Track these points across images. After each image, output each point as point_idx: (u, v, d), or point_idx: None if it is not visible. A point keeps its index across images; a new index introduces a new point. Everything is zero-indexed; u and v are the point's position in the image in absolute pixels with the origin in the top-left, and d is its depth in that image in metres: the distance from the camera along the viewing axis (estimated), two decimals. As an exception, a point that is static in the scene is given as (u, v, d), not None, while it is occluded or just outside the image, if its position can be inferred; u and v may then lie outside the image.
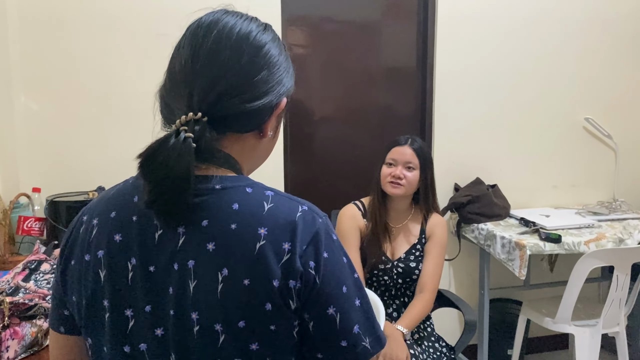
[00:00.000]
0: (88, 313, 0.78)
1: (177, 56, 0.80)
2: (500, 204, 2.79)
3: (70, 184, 2.31)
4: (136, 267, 0.75)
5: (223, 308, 0.71)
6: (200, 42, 0.77)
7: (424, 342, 1.99)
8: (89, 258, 0.78)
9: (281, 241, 0.73)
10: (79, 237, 0.81)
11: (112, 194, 0.82)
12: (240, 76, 0.76)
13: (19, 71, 2.32)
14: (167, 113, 0.79)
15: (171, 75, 0.79)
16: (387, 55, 2.90)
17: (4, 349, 1.30)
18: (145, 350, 0.75)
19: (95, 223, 0.80)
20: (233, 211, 0.74)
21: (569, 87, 3.03)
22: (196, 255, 0.73)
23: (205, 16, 0.81)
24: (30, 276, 1.44)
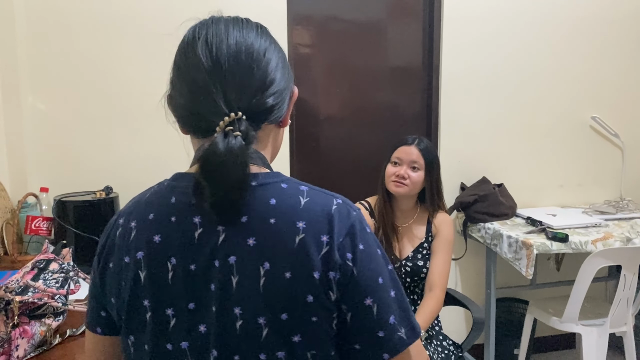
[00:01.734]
0: (129, 313, 0.80)
1: (192, 66, 0.80)
2: (506, 203, 2.78)
3: (77, 184, 2.33)
4: (176, 266, 0.77)
5: (266, 301, 0.73)
6: (217, 51, 0.79)
7: (433, 341, 1.99)
8: (128, 260, 0.80)
9: (319, 234, 0.75)
10: (115, 240, 0.82)
11: (147, 196, 0.84)
12: (264, 73, 0.79)
13: (27, 72, 2.33)
14: (196, 120, 0.80)
15: (192, 85, 0.79)
16: (393, 54, 2.90)
17: (13, 348, 1.31)
18: (187, 348, 0.77)
19: (133, 225, 0.81)
20: (271, 206, 0.76)
21: (575, 85, 3.02)
22: (237, 251, 0.75)
23: (206, 27, 0.84)
24: (39, 275, 1.44)
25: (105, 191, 2.22)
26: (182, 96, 0.81)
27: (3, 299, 1.30)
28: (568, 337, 3.17)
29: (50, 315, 1.43)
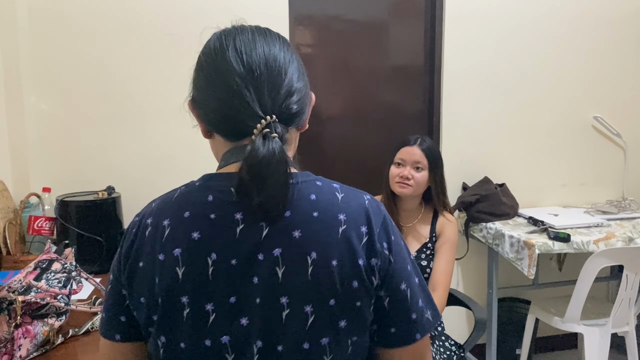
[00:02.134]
0: (163, 311, 0.79)
1: (223, 72, 0.83)
2: (508, 203, 2.78)
3: (80, 184, 2.33)
4: (217, 261, 0.78)
5: (315, 288, 0.77)
6: (248, 58, 0.83)
7: (435, 342, 1.99)
8: (163, 257, 0.80)
9: (359, 225, 0.81)
10: (145, 240, 0.82)
11: (176, 196, 0.85)
12: (290, 81, 0.86)
13: (30, 71, 2.33)
14: (231, 124, 0.83)
15: (225, 89, 0.82)
16: (395, 54, 2.90)
17: (16, 347, 1.31)
18: (227, 342, 0.78)
19: (166, 224, 0.81)
20: (312, 201, 0.82)
21: (577, 85, 3.02)
22: (282, 243, 0.78)
23: (233, 35, 0.90)
24: (42, 275, 1.45)
25: (108, 191, 2.22)
26: (214, 100, 0.83)
27: (6, 298, 1.31)
28: (570, 337, 3.17)
29: (52, 315, 1.43)
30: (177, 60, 2.48)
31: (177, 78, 2.49)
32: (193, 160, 2.50)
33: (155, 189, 2.68)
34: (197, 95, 0.88)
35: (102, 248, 2.08)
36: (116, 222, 2.19)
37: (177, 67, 2.50)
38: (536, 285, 2.95)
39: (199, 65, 0.90)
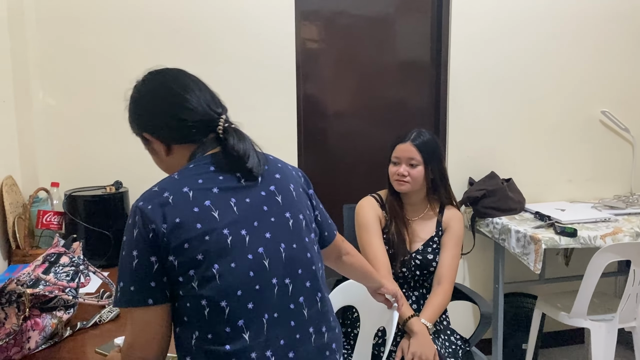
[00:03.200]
0: (211, 245, 1.03)
1: (179, 94, 1.17)
2: (515, 198, 2.77)
3: (88, 179, 2.35)
4: (236, 202, 1.10)
5: (299, 205, 1.20)
6: (191, 81, 1.23)
7: (441, 336, 2.00)
8: (198, 209, 1.05)
9: (298, 172, 1.30)
10: (173, 205, 1.04)
11: (178, 176, 1.10)
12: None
13: (38, 68, 2.35)
14: (200, 126, 1.15)
15: (187, 106, 1.15)
16: (401, 49, 2.89)
17: (25, 340, 1.33)
18: (262, 252, 1.09)
19: (186, 190, 1.06)
20: (271, 159, 1.26)
21: (585, 79, 3.00)
22: (273, 183, 1.18)
23: (164, 74, 1.30)
24: (50, 269, 1.46)
25: (115, 186, 2.24)
26: (184, 112, 1.15)
27: (15, 291, 1.32)
28: (576, 333, 3.16)
29: (61, 308, 1.45)
30: (184, 55, 2.49)
31: (183, 73, 2.51)
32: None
33: (162, 184, 2.68)
34: (155, 122, 1.18)
35: (109, 242, 2.09)
36: (124, 216, 2.20)
37: (184, 61, 2.50)
38: (542, 280, 2.95)
39: (151, 99, 1.22)
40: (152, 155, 1.24)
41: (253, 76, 2.59)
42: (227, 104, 2.73)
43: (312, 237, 1.20)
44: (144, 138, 1.21)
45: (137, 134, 1.23)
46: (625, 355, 2.97)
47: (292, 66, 2.63)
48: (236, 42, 2.55)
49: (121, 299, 1.03)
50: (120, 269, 1.04)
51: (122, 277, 1.03)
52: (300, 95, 2.71)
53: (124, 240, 1.05)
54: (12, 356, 1.31)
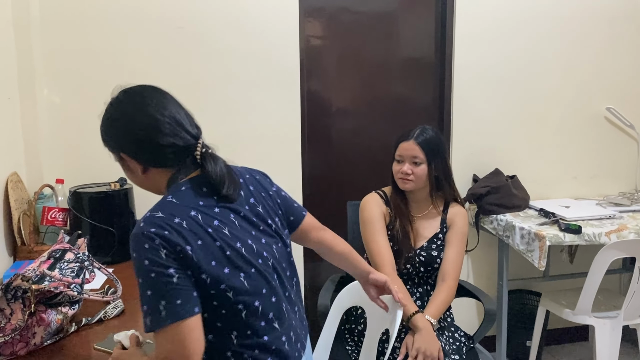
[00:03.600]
0: (231, 259, 1.16)
1: (156, 117, 1.18)
2: (519, 195, 2.77)
3: (92, 176, 2.35)
4: (235, 217, 1.22)
5: (274, 207, 1.35)
6: (167, 101, 1.25)
7: (445, 332, 2.00)
8: (211, 230, 1.15)
9: (263, 175, 1.43)
10: (191, 228, 1.12)
11: (177, 201, 1.16)
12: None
13: (42, 66, 2.36)
14: (178, 151, 1.20)
15: (165, 131, 1.18)
16: (405, 46, 2.89)
17: (30, 335, 1.34)
18: (267, 255, 1.25)
19: (194, 214, 1.15)
20: (249, 175, 1.36)
21: (590, 76, 2.99)
22: (253, 196, 1.30)
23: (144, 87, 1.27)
24: (55, 265, 1.47)
25: (120, 182, 2.24)
26: (160, 136, 1.18)
27: (20, 287, 1.33)
28: (581, 330, 3.16)
29: (66, 303, 1.46)
30: (187, 53, 2.49)
31: (187, 70, 2.51)
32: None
33: (166, 181, 2.66)
34: (134, 146, 1.20)
35: (114, 239, 2.10)
36: (128, 213, 2.21)
37: (188, 59, 2.51)
38: (547, 277, 2.94)
39: (126, 123, 1.20)
40: (126, 171, 1.27)
41: (257, 73, 2.59)
42: (232, 101, 2.75)
43: (286, 232, 1.38)
44: (120, 157, 1.23)
45: (111, 152, 1.25)
46: (630, 352, 2.97)
47: (296, 63, 2.63)
48: (240, 39, 2.55)
49: (168, 316, 1.05)
50: (154, 291, 1.06)
51: (161, 297, 1.05)
52: (304, 92, 2.71)
53: (146, 264, 1.06)
54: (17, 351, 1.32)
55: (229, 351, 1.17)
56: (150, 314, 1.06)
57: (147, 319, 1.06)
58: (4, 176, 2.03)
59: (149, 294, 1.06)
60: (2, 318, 1.33)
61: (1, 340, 1.29)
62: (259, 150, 2.64)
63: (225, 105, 2.57)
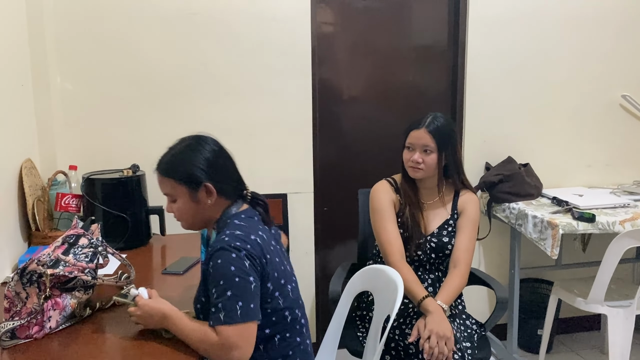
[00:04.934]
0: (285, 275, 1.45)
1: (226, 157, 1.51)
2: (532, 183, 2.75)
3: (105, 162, 2.37)
4: (275, 243, 1.49)
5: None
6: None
7: (457, 320, 1.99)
8: (273, 248, 1.44)
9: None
10: (261, 244, 1.38)
11: (245, 225, 1.41)
12: None
13: (55, 53, 2.36)
14: (239, 187, 1.51)
15: (231, 169, 1.51)
16: (418, 33, 2.86)
17: (46, 319, 1.35)
18: (293, 273, 1.55)
19: (261, 234, 1.41)
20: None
21: (605, 63, 2.95)
22: (276, 232, 1.59)
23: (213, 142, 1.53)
24: (70, 250, 1.48)
25: (133, 169, 2.25)
26: (228, 177, 1.49)
27: (36, 271, 1.34)
28: (592, 319, 3.14)
29: (80, 288, 1.47)
30: (200, 40, 2.49)
31: (199, 57, 2.51)
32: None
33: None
34: (222, 177, 1.47)
35: (127, 225, 2.11)
36: (141, 200, 2.22)
37: (200, 46, 2.50)
38: (559, 266, 2.93)
39: (214, 159, 1.46)
40: (187, 204, 1.43)
41: (269, 60, 2.58)
42: (244, 88, 2.74)
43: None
44: (194, 186, 1.42)
45: (189, 182, 1.42)
46: (643, 341, 2.96)
47: (307, 50, 2.62)
48: (252, 25, 2.54)
49: (244, 314, 1.28)
50: (234, 292, 1.28)
51: (240, 297, 1.28)
52: (316, 79, 2.69)
53: (233, 270, 1.28)
54: (33, 334, 1.33)
55: (270, 352, 1.41)
56: (224, 310, 1.27)
57: (220, 314, 1.27)
58: (18, 162, 2.05)
59: (229, 294, 1.27)
60: (18, 302, 1.34)
61: (17, 323, 1.31)
62: (271, 138, 2.64)
63: (237, 93, 2.57)
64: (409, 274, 1.95)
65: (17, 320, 1.31)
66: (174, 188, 1.43)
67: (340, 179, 2.85)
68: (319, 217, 2.80)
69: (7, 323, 1.31)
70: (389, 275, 1.74)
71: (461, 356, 1.82)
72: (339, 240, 2.91)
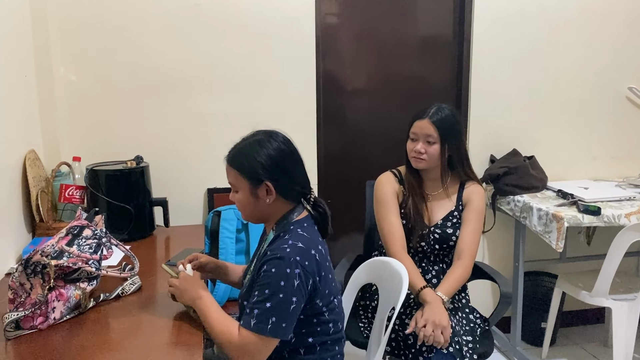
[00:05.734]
0: (334, 288, 1.45)
1: (294, 159, 1.45)
2: (537, 176, 2.74)
3: (108, 154, 2.37)
4: (327, 255, 1.46)
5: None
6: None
7: (459, 313, 1.99)
8: (327, 264, 1.42)
9: None
10: (318, 260, 1.36)
11: (306, 238, 1.37)
12: None
13: (58, 44, 2.36)
14: (303, 192, 1.45)
15: (296, 172, 1.45)
16: (423, 24, 2.84)
17: (50, 310, 1.35)
18: (339, 288, 1.54)
19: (320, 248, 1.40)
20: None
21: (611, 55, 2.93)
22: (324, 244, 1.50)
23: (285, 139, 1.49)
24: (73, 241, 1.48)
25: (136, 160, 2.25)
26: (296, 175, 1.45)
27: (40, 262, 1.34)
28: (596, 312, 3.14)
29: (84, 279, 1.47)
30: (203, 31, 2.48)
31: (203, 48, 2.49)
32: (218, 130, 2.51)
33: (181, 159, 2.70)
34: (285, 178, 1.41)
35: (131, 216, 2.11)
36: (144, 191, 2.22)
37: (204, 37, 2.49)
38: (563, 259, 2.92)
39: (281, 161, 1.41)
40: (246, 198, 1.41)
41: (273, 51, 2.56)
42: (248, 79, 2.72)
43: None
44: (255, 182, 1.39)
45: (251, 177, 1.39)
46: (647, 335, 2.95)
47: (311, 41, 2.60)
48: (255, 16, 2.52)
49: (273, 330, 1.28)
50: (275, 306, 1.28)
51: (276, 314, 1.28)
52: (320, 70, 2.68)
53: (282, 285, 1.28)
54: (37, 325, 1.33)
55: (309, 356, 1.43)
56: (257, 318, 1.28)
57: (252, 320, 1.28)
58: (22, 154, 2.04)
59: (267, 305, 1.28)
60: (22, 292, 1.34)
61: (22, 314, 1.31)
62: (274, 128, 2.62)
63: (240, 84, 2.55)
64: (409, 265, 1.94)
65: (21, 311, 1.31)
66: (236, 179, 1.42)
67: (344, 171, 2.84)
68: (322, 209, 2.79)
69: (12, 314, 1.31)
70: (394, 267, 1.74)
71: (459, 349, 1.81)
72: (343, 233, 2.91)
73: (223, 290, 1.63)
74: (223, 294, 1.63)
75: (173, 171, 2.48)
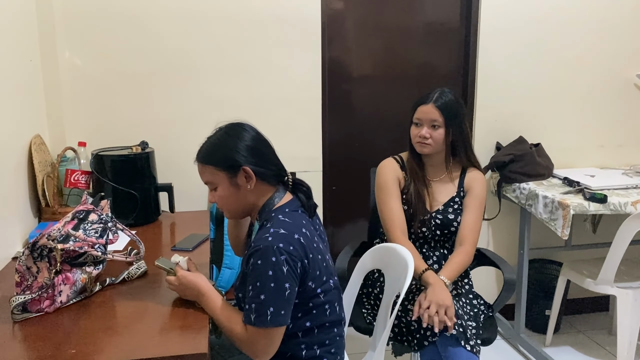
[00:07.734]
0: (328, 270, 1.46)
1: (264, 143, 1.48)
2: (543, 164, 2.72)
3: (114, 139, 2.37)
4: (318, 235, 1.48)
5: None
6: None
7: (462, 299, 1.99)
8: (315, 245, 1.42)
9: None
10: (306, 242, 1.37)
11: (290, 221, 1.39)
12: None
13: (63, 28, 2.34)
14: (279, 173, 1.48)
15: (270, 155, 1.48)
16: (429, 10, 2.81)
17: (57, 293, 1.36)
18: (333, 266, 1.52)
19: (304, 231, 1.39)
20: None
21: (620, 42, 2.89)
22: (318, 223, 1.57)
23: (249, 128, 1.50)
24: (79, 225, 1.48)
25: (141, 146, 2.25)
26: (269, 160, 1.47)
27: (46, 246, 1.35)
28: (601, 300, 3.14)
29: (90, 263, 1.48)
30: (209, 16, 2.46)
31: (209, 33, 2.48)
32: (223, 116, 2.48)
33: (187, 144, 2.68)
34: (261, 161, 1.44)
35: (136, 201, 2.12)
36: (150, 176, 2.22)
37: (210, 22, 2.48)
38: (568, 247, 2.91)
39: (253, 144, 1.44)
40: (227, 190, 1.42)
41: (279, 36, 2.55)
42: (253, 65, 2.71)
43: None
44: (233, 171, 1.40)
45: (228, 167, 1.40)
46: (651, 323, 2.95)
47: (317, 26, 2.58)
48: (262, 1, 2.50)
49: (273, 320, 1.30)
50: (270, 296, 1.29)
51: (272, 303, 1.30)
52: (326, 56, 2.66)
53: (270, 274, 1.29)
54: (44, 308, 1.34)
55: (305, 343, 1.45)
56: (256, 312, 1.30)
57: (252, 315, 1.30)
58: (28, 138, 2.05)
59: (262, 298, 1.29)
60: (29, 276, 1.35)
61: (29, 297, 1.32)
62: (280, 115, 2.62)
63: (246, 70, 2.54)
64: (410, 250, 1.94)
65: (28, 294, 1.32)
66: (213, 175, 1.42)
67: (349, 158, 2.83)
68: (327, 196, 2.79)
69: (19, 297, 1.32)
70: (400, 253, 1.74)
71: (463, 332, 1.81)
72: (348, 219, 2.91)
73: (228, 276, 1.64)
74: (228, 280, 1.63)
75: (178, 157, 2.47)
